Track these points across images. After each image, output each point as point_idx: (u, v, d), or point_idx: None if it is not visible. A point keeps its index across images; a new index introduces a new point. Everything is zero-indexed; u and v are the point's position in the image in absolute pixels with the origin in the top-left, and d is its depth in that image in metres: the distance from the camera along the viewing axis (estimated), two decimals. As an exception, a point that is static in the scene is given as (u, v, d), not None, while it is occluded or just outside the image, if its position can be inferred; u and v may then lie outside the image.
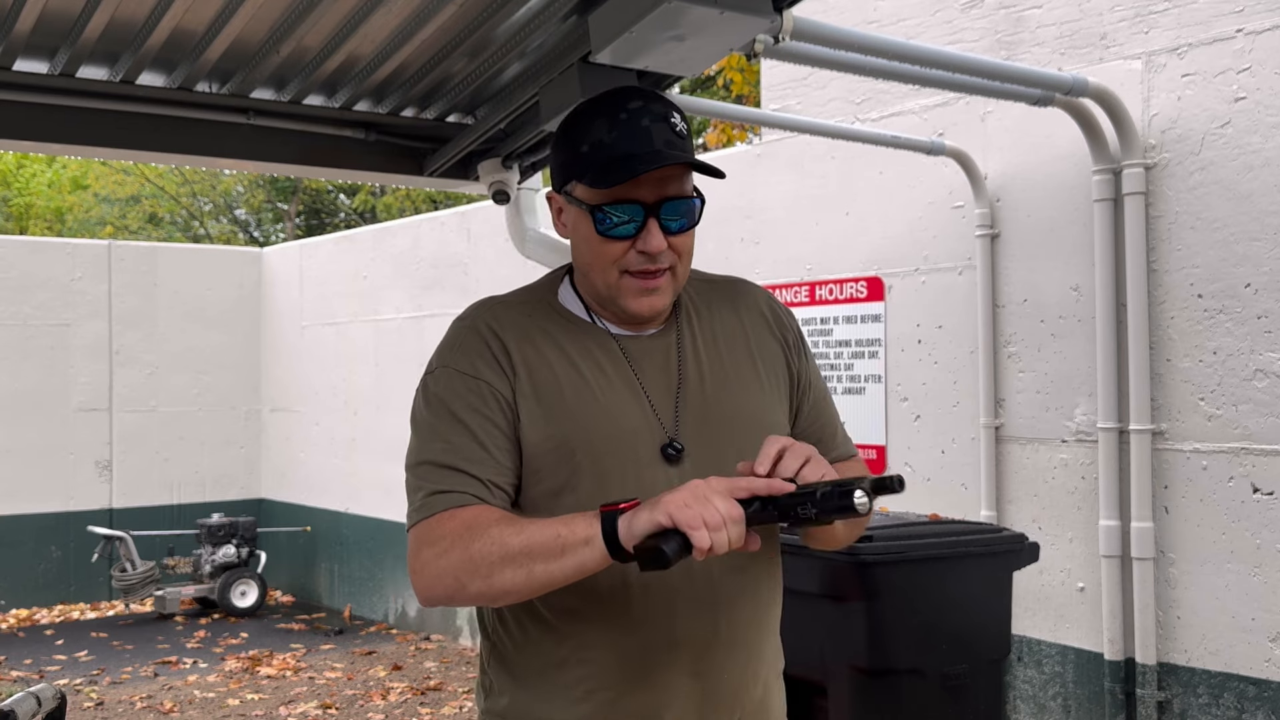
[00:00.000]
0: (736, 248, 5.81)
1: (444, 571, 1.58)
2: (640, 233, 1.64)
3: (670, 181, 1.65)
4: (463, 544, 1.56)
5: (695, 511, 1.42)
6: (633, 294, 1.68)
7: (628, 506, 1.48)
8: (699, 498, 1.44)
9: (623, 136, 1.64)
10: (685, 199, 1.67)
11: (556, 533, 1.51)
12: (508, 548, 1.53)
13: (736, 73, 10.15)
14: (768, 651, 1.80)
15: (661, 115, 1.66)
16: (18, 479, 9.14)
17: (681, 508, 1.43)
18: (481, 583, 1.56)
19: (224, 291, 10.07)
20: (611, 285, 1.69)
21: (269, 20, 2.70)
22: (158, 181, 20.64)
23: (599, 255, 1.68)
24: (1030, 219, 4.62)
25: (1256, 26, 3.96)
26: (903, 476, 1.45)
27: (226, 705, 6.49)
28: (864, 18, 5.22)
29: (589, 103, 1.70)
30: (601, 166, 1.64)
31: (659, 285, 1.68)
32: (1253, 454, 3.93)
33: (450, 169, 3.48)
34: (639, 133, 1.64)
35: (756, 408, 1.76)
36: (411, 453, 1.70)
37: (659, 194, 1.64)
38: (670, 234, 1.66)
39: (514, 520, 1.57)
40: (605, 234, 1.66)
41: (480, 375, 1.68)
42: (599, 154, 1.64)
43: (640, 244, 1.65)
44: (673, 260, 1.68)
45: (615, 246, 1.66)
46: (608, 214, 1.64)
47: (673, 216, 1.66)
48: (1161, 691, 4.14)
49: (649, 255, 1.65)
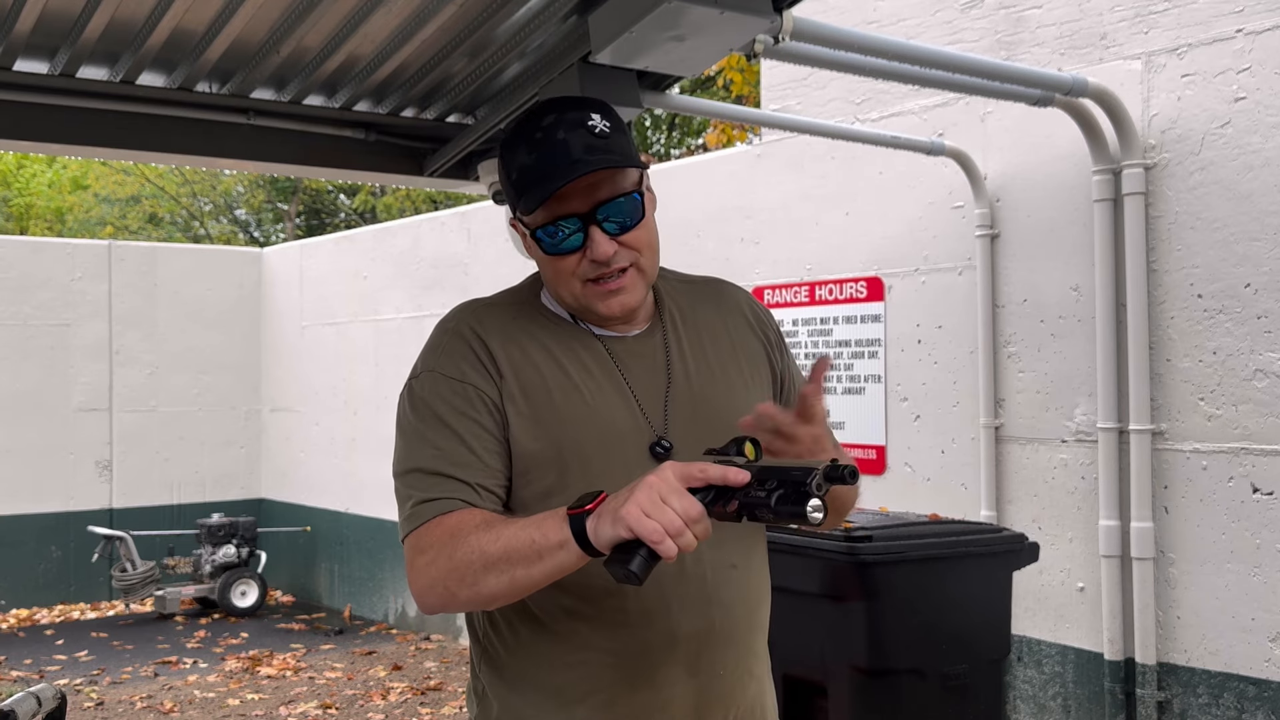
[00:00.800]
0: (736, 248, 5.81)
1: (435, 581, 1.59)
2: (585, 243, 1.64)
3: (601, 186, 1.64)
4: (447, 552, 1.56)
5: (654, 523, 1.37)
6: (599, 298, 1.68)
7: (594, 506, 1.45)
8: (654, 503, 1.38)
9: (541, 156, 1.63)
10: (621, 197, 1.65)
11: (531, 538, 1.49)
12: (487, 555, 1.52)
13: (736, 73, 10.15)
14: (760, 648, 1.81)
15: (577, 122, 1.64)
16: (18, 479, 9.14)
17: (641, 519, 1.37)
18: (469, 590, 1.56)
19: (224, 291, 10.08)
20: (578, 296, 1.69)
21: (269, 20, 2.70)
22: (158, 181, 20.64)
23: (557, 272, 1.68)
24: (1030, 219, 4.62)
25: (1256, 26, 3.96)
26: (855, 468, 1.41)
27: (226, 705, 6.49)
28: (864, 18, 5.22)
29: (511, 129, 1.70)
30: (524, 191, 1.64)
31: (622, 285, 1.67)
32: (1253, 454, 3.93)
33: (450, 169, 3.49)
34: (556, 147, 1.62)
35: (743, 406, 1.76)
36: (399, 460, 1.70)
37: (591, 200, 1.63)
38: (615, 235, 1.65)
39: (493, 524, 1.56)
40: (551, 252, 1.66)
41: (466, 379, 1.67)
42: (523, 179, 1.65)
43: (589, 254, 1.64)
44: (631, 258, 1.67)
45: (567, 261, 1.66)
46: (548, 233, 1.65)
47: (612, 219, 1.65)
48: (1161, 691, 4.14)
49: (600, 263, 1.64)
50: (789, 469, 1.42)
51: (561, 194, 1.62)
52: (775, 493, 1.41)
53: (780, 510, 1.40)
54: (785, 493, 1.40)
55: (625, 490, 1.43)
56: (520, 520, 1.54)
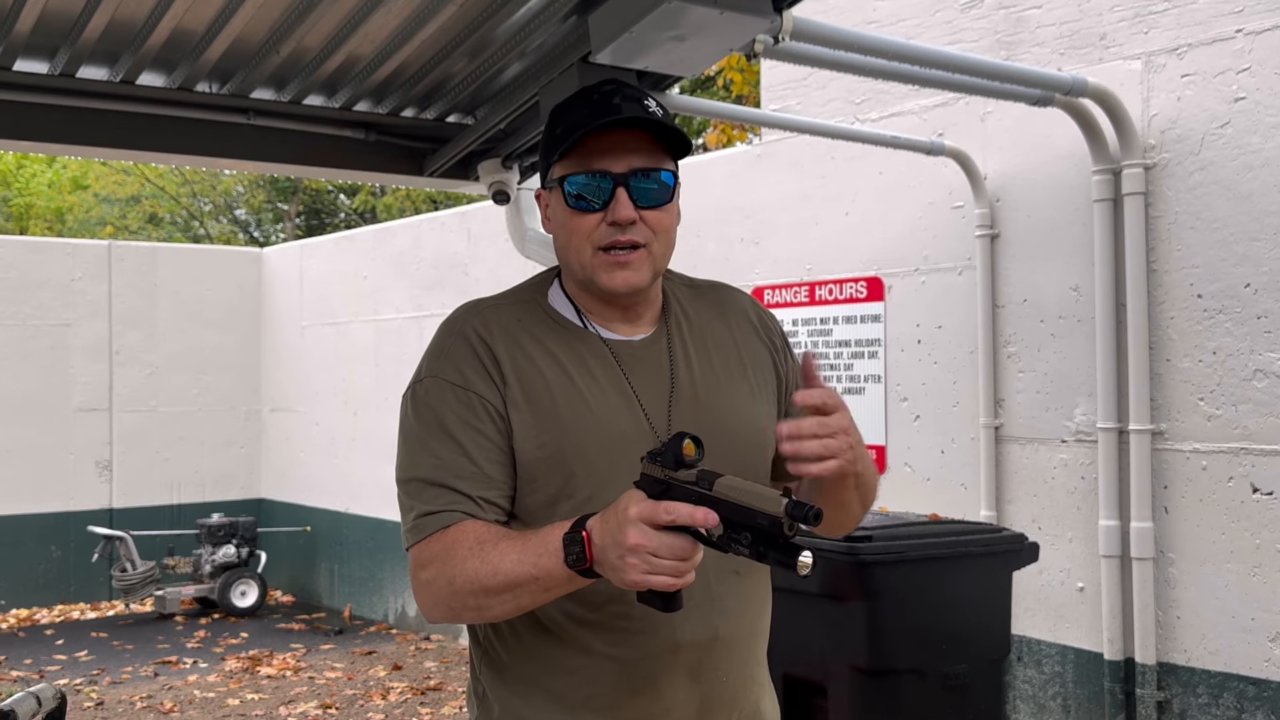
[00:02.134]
0: (736, 248, 5.80)
1: (438, 600, 1.61)
2: (610, 203, 1.64)
3: (640, 155, 1.65)
4: (447, 576, 1.57)
5: (660, 578, 1.39)
6: (606, 269, 1.66)
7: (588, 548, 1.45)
8: (648, 561, 1.39)
9: (592, 109, 1.65)
10: (656, 170, 1.66)
11: (533, 576, 1.50)
12: (488, 589, 1.54)
13: (736, 73, 10.15)
14: (762, 653, 1.80)
15: (635, 97, 1.67)
16: (18, 479, 9.14)
17: (642, 576, 1.39)
18: (473, 614, 1.59)
19: (224, 291, 10.08)
20: (586, 264, 1.68)
21: (269, 20, 2.70)
22: (158, 181, 20.64)
23: (573, 232, 1.67)
24: (1030, 219, 4.62)
25: (1256, 26, 3.96)
26: (820, 511, 1.34)
27: (226, 705, 6.49)
28: (864, 18, 5.22)
29: (565, 99, 1.72)
30: (569, 132, 1.65)
31: (632, 260, 1.66)
32: (1252, 454, 3.93)
33: (450, 169, 3.48)
34: (607, 106, 1.64)
35: (748, 413, 1.75)
36: (401, 466, 1.69)
37: (628, 165, 1.64)
38: (641, 207, 1.65)
39: (487, 555, 1.54)
40: (576, 207, 1.66)
41: (471, 386, 1.65)
42: (569, 127, 1.65)
43: (610, 215, 1.64)
44: (647, 237, 1.67)
45: (586, 220, 1.66)
46: (577, 183, 1.65)
47: (643, 187, 1.65)
48: (1161, 691, 4.14)
49: (619, 225, 1.64)
50: (753, 511, 1.37)
51: (600, 147, 1.63)
52: (754, 545, 1.37)
53: (760, 549, 1.37)
54: (764, 536, 1.36)
55: (611, 547, 1.42)
56: (518, 545, 1.53)
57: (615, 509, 1.43)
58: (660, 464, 1.45)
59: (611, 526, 1.42)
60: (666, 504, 1.40)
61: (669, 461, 1.44)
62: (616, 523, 1.41)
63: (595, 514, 1.48)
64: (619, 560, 1.40)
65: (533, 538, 1.53)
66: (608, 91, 1.67)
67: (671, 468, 1.44)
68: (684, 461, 1.43)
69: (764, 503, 1.37)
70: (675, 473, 1.44)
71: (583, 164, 1.65)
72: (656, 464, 1.45)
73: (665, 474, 1.44)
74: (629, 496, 1.43)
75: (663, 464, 1.44)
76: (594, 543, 1.44)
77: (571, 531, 1.47)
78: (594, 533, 1.45)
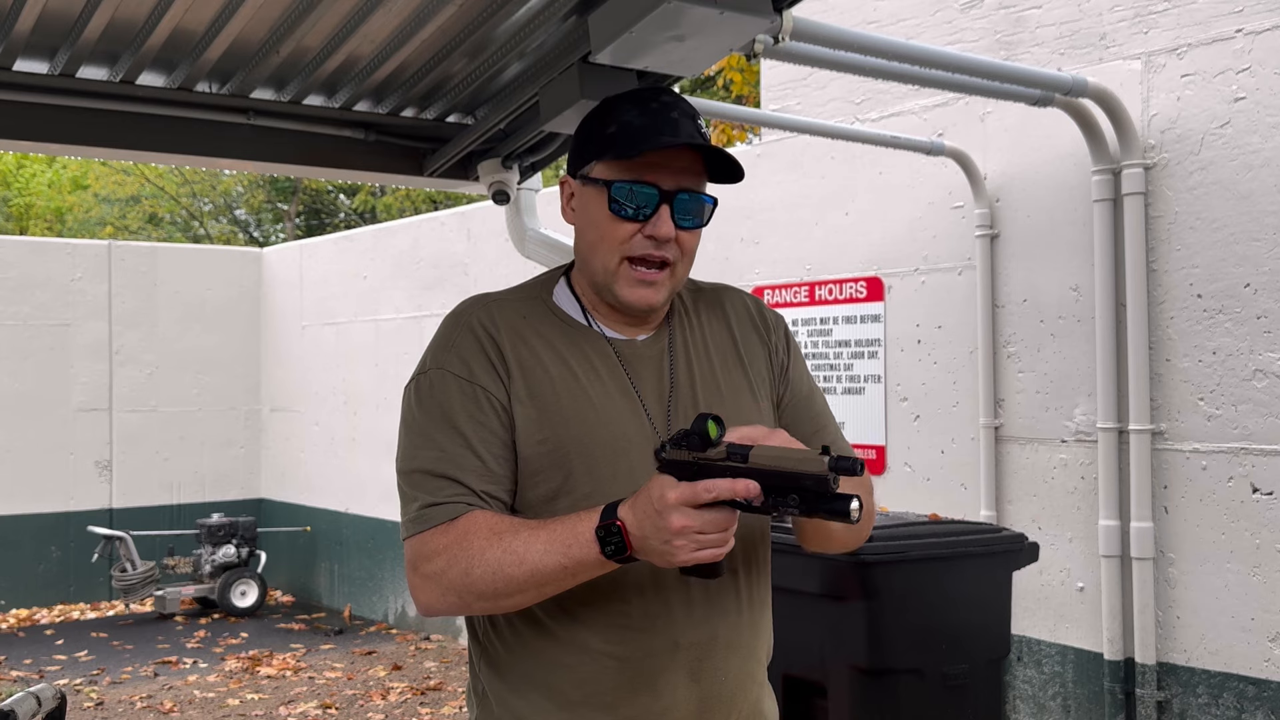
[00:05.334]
0: (736, 248, 5.81)
1: (447, 590, 1.60)
2: (652, 217, 1.65)
3: (689, 175, 1.67)
4: (461, 565, 1.57)
5: (708, 553, 1.44)
6: (629, 283, 1.68)
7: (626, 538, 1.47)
8: (694, 539, 1.43)
9: (654, 120, 1.65)
10: (700, 195, 1.69)
11: (563, 565, 1.52)
12: (513, 577, 1.54)
13: (736, 73, 10.16)
14: (761, 653, 1.81)
15: (690, 114, 1.69)
16: (18, 479, 9.15)
17: (691, 555, 1.44)
18: (488, 605, 1.59)
19: (224, 292, 10.08)
20: (610, 271, 1.68)
21: (269, 20, 2.70)
22: (158, 181, 20.64)
23: (606, 236, 1.67)
24: (1030, 219, 4.62)
25: (1256, 26, 3.96)
26: (862, 461, 1.42)
27: (226, 705, 6.49)
28: (864, 18, 5.22)
29: (619, 95, 1.73)
30: (628, 139, 1.64)
31: (658, 279, 1.68)
32: (1252, 454, 3.93)
33: (450, 169, 3.48)
34: (667, 120, 1.65)
35: (747, 413, 1.76)
36: (403, 456, 1.69)
37: (677, 183, 1.66)
38: (680, 227, 1.67)
39: (509, 544, 1.55)
40: (618, 214, 1.66)
41: (475, 379, 1.66)
42: (627, 131, 1.65)
43: (649, 229, 1.65)
44: (676, 255, 1.68)
45: (624, 228, 1.66)
46: (624, 190, 1.65)
47: (686, 210, 1.67)
48: (1161, 691, 4.14)
49: (656, 240, 1.65)
50: (797, 475, 1.43)
51: (658, 161, 1.64)
52: (802, 505, 1.42)
53: (810, 503, 1.42)
54: (806, 501, 1.42)
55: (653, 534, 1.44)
56: (542, 535, 1.54)
57: (647, 497, 1.45)
58: (687, 447, 1.48)
59: (650, 514, 1.44)
60: (705, 482, 1.43)
61: (695, 444, 1.47)
62: (655, 510, 1.44)
63: (620, 502, 1.50)
64: (664, 545, 1.44)
65: (557, 527, 1.54)
66: (666, 103, 1.68)
67: (699, 449, 1.47)
68: (711, 441, 1.47)
69: (807, 464, 1.42)
70: (704, 453, 1.47)
71: (634, 172, 1.65)
72: (682, 448, 1.48)
73: (694, 456, 1.48)
74: (660, 483, 1.45)
75: (689, 447, 1.47)
76: (631, 533, 1.46)
77: (604, 523, 1.49)
78: (629, 523, 1.47)
